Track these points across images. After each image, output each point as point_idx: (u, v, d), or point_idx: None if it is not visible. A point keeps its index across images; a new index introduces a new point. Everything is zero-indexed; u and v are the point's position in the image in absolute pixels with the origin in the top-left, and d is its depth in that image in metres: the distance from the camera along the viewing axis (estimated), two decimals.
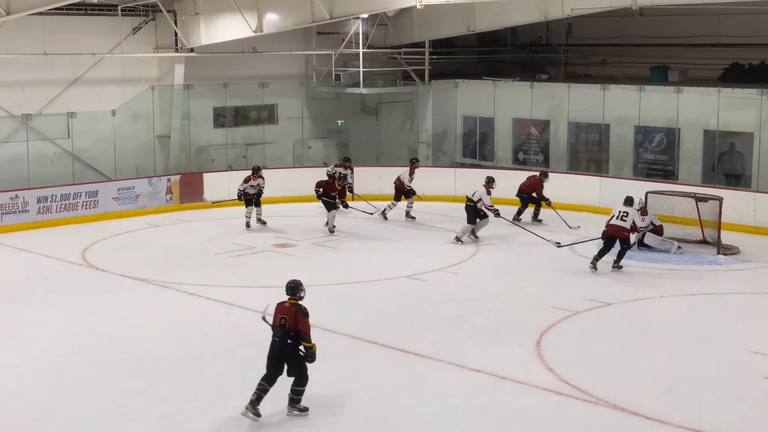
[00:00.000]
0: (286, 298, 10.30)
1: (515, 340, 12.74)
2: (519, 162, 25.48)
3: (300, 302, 10.27)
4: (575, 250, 18.21)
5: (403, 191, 21.46)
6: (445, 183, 23.83)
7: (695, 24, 24.73)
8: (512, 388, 11.04)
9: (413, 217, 21.38)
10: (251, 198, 20.51)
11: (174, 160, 24.46)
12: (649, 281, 15.96)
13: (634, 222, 16.25)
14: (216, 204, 22.36)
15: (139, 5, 23.22)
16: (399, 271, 16.67)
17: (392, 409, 10.49)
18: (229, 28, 23.31)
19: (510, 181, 21.75)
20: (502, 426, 10.07)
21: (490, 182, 19.15)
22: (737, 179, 21.74)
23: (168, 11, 23.31)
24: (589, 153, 24.54)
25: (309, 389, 10.63)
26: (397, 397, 10.81)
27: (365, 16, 25.13)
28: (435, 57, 27.23)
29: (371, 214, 21.43)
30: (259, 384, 10.18)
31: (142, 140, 24.56)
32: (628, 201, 16.53)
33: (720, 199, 18.12)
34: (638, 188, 19.93)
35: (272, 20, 23.18)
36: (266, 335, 13.08)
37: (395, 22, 26.74)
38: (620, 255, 16.44)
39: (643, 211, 17.82)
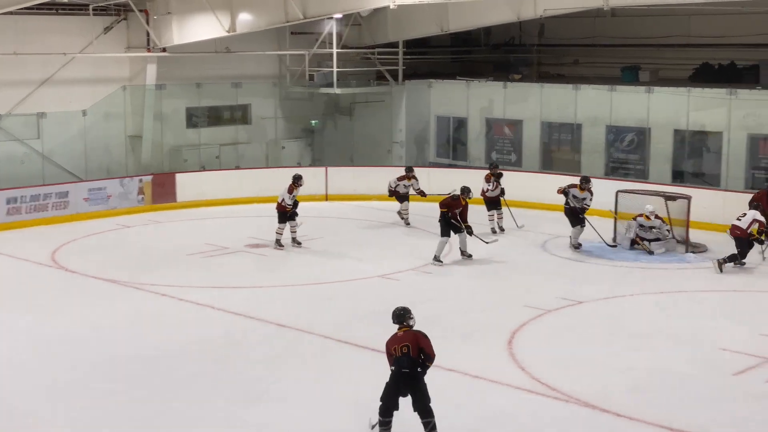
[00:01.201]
0: (395, 328, 9.64)
1: (488, 340, 12.81)
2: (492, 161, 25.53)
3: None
4: (548, 250, 18.33)
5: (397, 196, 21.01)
6: (420, 183, 23.82)
7: (666, 24, 24.94)
8: (485, 387, 11.10)
9: (408, 223, 20.86)
10: (290, 213, 18.52)
11: (146, 161, 24.35)
12: (619, 280, 16.08)
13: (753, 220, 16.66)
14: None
15: (110, 5, 23.11)
16: (373, 271, 16.70)
17: (367, 407, 10.51)
18: (201, 28, 23.24)
19: (483, 179, 21.75)
20: (475, 425, 10.13)
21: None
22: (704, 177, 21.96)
23: (140, 11, 23.21)
24: (562, 152, 24.69)
25: (280, 389, 10.66)
26: (372, 396, 10.82)
27: (339, 16, 25.12)
28: (409, 57, 27.28)
29: (487, 243, 18.18)
30: (382, 422, 9.49)
31: (114, 140, 24.41)
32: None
33: (689, 198, 18.29)
34: (609, 187, 20.12)
35: (245, 20, 23.13)
36: (241, 333, 13.12)
37: (369, 22, 26.77)
38: (739, 256, 16.60)
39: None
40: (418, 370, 9.30)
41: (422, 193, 20.95)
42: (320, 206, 23.28)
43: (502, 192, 20.14)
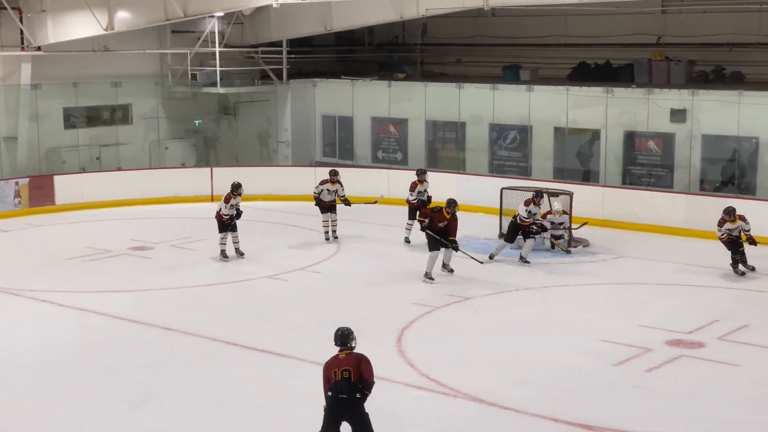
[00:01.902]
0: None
1: (377, 337, 12.83)
2: (378, 160, 25.71)
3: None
4: None
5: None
6: (305, 182, 23.79)
7: (544, 25, 25.53)
8: (374, 384, 11.11)
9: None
10: (229, 223, 17.36)
11: (22, 163, 23.56)
12: (504, 275, 16.34)
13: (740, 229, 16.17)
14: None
15: None
16: (260, 272, 16.57)
17: (255, 409, 10.44)
18: (78, 26, 22.64)
19: (370, 177, 21.98)
20: None
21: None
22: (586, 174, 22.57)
23: (13, 8, 22.43)
24: (447, 150, 24.99)
25: (167, 393, 10.46)
26: (260, 397, 10.76)
27: (221, 14, 24.85)
28: (293, 56, 27.16)
29: (481, 262, 16.91)
30: None
31: None
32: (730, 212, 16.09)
33: (570, 194, 18.76)
34: (494, 185, 20.49)
35: (124, 18, 22.64)
36: (126, 338, 12.84)
37: (252, 21, 26.55)
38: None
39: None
40: (358, 396, 8.71)
41: (347, 202, 19.12)
42: (205, 207, 22.92)
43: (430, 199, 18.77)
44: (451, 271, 16.28)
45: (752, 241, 16.24)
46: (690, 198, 19.92)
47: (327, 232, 19.01)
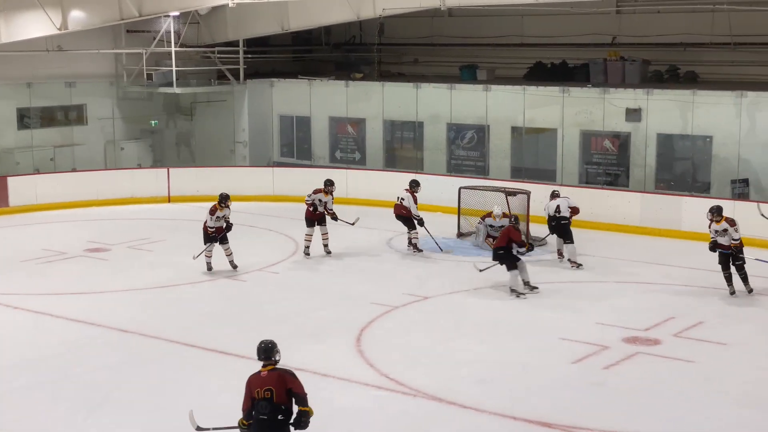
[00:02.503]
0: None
1: (336, 338, 12.84)
2: (336, 160, 25.68)
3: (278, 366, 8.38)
4: (393, 247, 18.54)
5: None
6: (263, 183, 23.74)
7: (501, 25, 25.68)
8: (333, 384, 11.12)
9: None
10: (215, 235, 16.36)
11: None
12: (463, 274, 16.40)
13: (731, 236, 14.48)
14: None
15: None
16: (218, 273, 16.46)
17: (216, 412, 10.37)
18: (31, 26, 22.34)
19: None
20: (323, 423, 10.10)
21: (413, 186, 17.59)
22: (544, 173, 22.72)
23: None
24: (405, 150, 25.03)
25: (124, 396, 10.36)
26: (218, 399, 10.69)
27: (176, 14, 24.67)
28: (250, 56, 27.03)
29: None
30: None
31: None
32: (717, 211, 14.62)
33: (528, 193, 18.88)
34: (452, 184, 20.58)
35: (78, 17, 22.39)
36: (82, 341, 12.69)
37: (208, 21, 26.39)
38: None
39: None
40: (279, 417, 8.09)
41: (334, 216, 17.73)
42: (162, 208, 22.81)
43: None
44: (534, 288, 14.98)
45: (735, 256, 14.57)
46: (646, 196, 20.14)
47: (308, 247, 17.47)
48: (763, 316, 14.00)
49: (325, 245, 17.67)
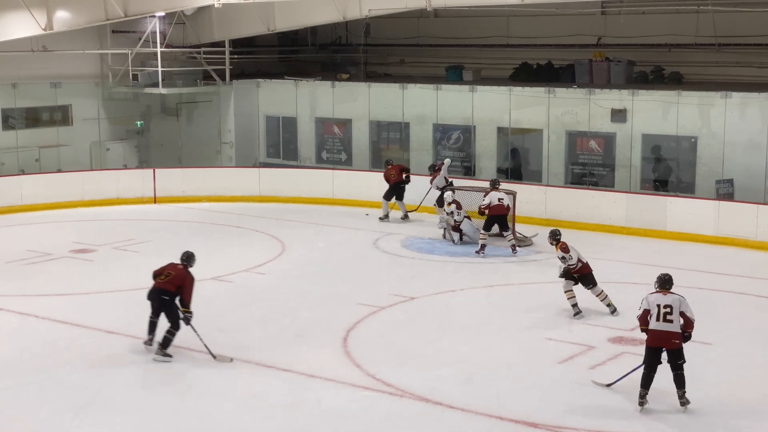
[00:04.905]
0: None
1: (323, 338, 12.85)
2: (323, 161, 25.67)
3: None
4: (380, 247, 18.55)
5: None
6: (249, 183, 23.71)
7: (486, 25, 25.73)
8: (320, 385, 11.13)
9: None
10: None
11: None
12: (449, 275, 16.45)
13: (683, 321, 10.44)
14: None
15: None
16: (205, 273, 16.33)
17: (201, 413, 10.37)
18: (16, 26, 22.27)
19: (314, 178, 21.95)
20: (310, 424, 10.15)
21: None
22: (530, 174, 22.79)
23: None
24: (391, 151, 25.04)
25: (108, 397, 10.33)
26: (204, 400, 10.69)
27: (162, 14, 24.62)
28: (236, 57, 27.01)
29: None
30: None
31: None
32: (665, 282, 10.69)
33: (514, 194, 18.92)
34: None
35: (63, 18, 22.32)
36: (67, 342, 12.66)
37: (194, 21, 26.34)
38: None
39: (458, 204, 18.40)
40: (164, 297, 11.83)
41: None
42: (148, 209, 22.76)
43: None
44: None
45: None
46: (631, 197, 20.21)
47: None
48: (748, 317, 14.08)
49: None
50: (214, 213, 21.97)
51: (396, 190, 20.86)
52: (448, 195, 18.71)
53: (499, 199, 17.68)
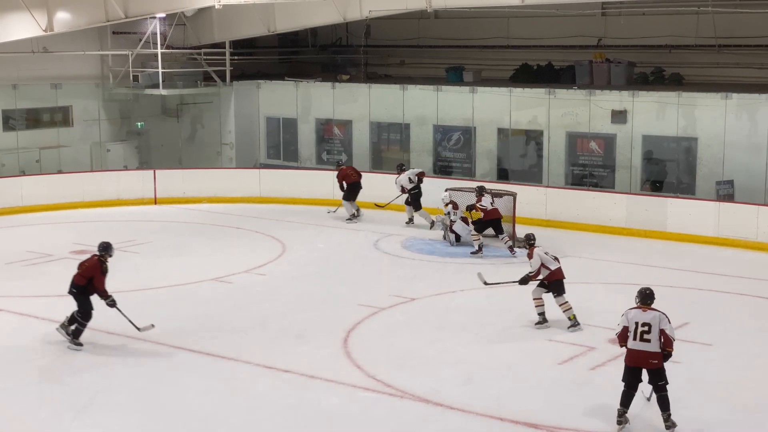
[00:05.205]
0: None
1: (323, 339, 12.85)
2: (323, 162, 25.67)
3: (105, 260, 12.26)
4: (380, 248, 18.55)
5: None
6: (250, 184, 23.71)
7: (487, 27, 25.73)
8: (320, 386, 11.12)
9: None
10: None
11: None
12: (449, 276, 16.44)
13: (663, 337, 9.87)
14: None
15: None
16: (205, 274, 16.45)
17: (201, 414, 10.37)
18: (16, 27, 22.29)
19: (315, 179, 21.97)
20: (310, 424, 10.14)
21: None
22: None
23: None
24: (391, 152, 25.05)
25: (109, 397, 10.33)
26: (205, 401, 10.69)
27: (162, 15, 24.62)
28: (236, 58, 27.02)
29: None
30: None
31: None
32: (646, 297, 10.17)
33: (514, 195, 18.92)
34: (438, 185, 20.60)
35: (63, 19, 22.33)
36: (67, 344, 12.67)
37: (194, 22, 26.35)
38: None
39: (455, 205, 18.48)
40: (73, 291, 12.31)
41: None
42: (149, 210, 22.76)
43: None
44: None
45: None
46: (631, 198, 20.21)
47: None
48: (749, 318, 14.07)
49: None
50: (214, 214, 21.98)
51: (353, 191, 21.01)
52: (445, 196, 18.74)
53: (491, 203, 17.96)
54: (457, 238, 18.60)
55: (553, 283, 13.20)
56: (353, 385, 11.14)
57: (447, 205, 18.57)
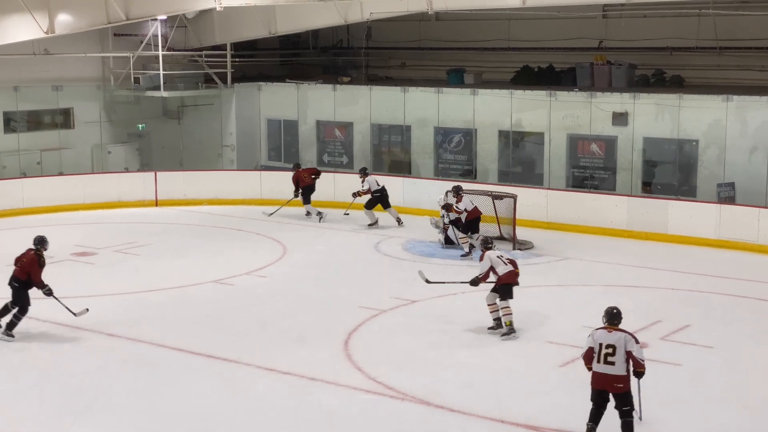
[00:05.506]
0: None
1: (324, 341, 12.85)
2: (324, 164, 25.67)
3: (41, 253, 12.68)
4: (381, 250, 18.55)
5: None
6: (251, 186, 23.71)
7: (488, 29, 25.73)
8: (321, 388, 11.12)
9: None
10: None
11: None
12: (450, 278, 16.38)
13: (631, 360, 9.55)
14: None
15: None
16: (206, 276, 16.45)
17: (202, 415, 10.36)
18: (17, 29, 22.28)
19: (317, 181, 21.90)
20: (311, 426, 10.14)
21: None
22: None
23: None
24: (392, 154, 25.05)
25: (109, 399, 10.33)
26: (206, 403, 10.68)
27: (163, 17, 24.62)
28: (237, 59, 27.03)
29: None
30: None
31: None
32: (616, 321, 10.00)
33: (515, 197, 18.91)
34: (439, 187, 20.58)
35: (65, 21, 22.35)
36: (68, 345, 12.67)
37: (195, 24, 26.36)
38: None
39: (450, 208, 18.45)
40: (15, 284, 12.69)
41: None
42: (150, 212, 22.76)
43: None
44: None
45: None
46: (632, 200, 20.20)
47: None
48: (750, 320, 14.06)
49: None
50: (215, 216, 21.98)
51: (306, 194, 21.33)
52: (440, 198, 18.66)
53: (471, 202, 18.18)
54: (448, 240, 18.61)
55: (502, 286, 13.15)
56: (354, 387, 11.13)
57: (443, 207, 18.47)
